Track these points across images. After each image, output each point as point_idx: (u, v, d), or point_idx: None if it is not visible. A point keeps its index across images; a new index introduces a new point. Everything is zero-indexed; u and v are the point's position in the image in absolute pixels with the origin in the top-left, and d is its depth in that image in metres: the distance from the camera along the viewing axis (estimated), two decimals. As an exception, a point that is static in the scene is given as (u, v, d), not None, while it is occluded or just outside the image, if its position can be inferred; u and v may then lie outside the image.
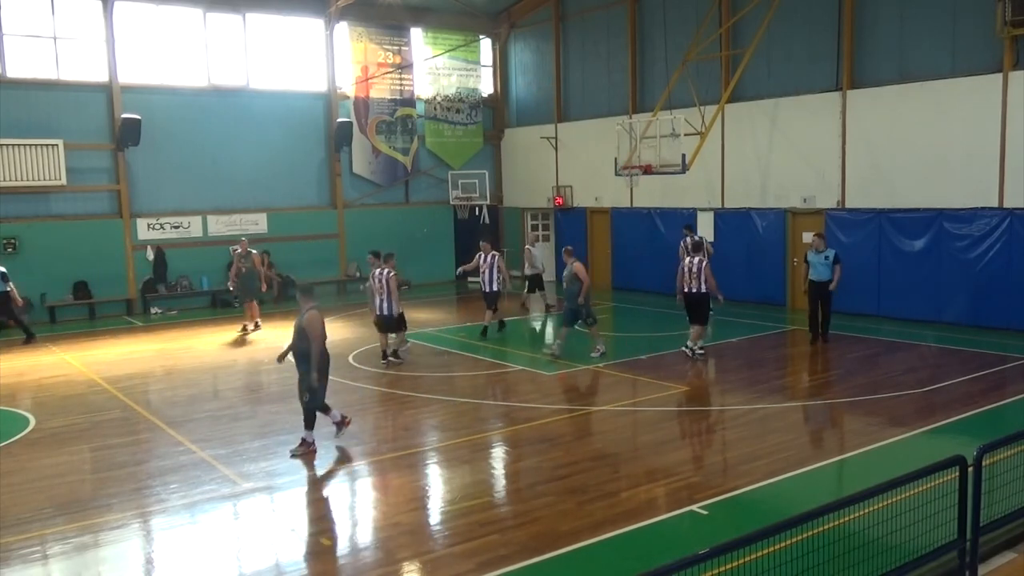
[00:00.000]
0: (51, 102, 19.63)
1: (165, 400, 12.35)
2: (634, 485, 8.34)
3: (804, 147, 18.58)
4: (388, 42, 24.31)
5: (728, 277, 20.06)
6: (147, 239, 20.99)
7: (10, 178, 18.87)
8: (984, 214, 15.78)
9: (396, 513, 7.76)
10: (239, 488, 8.50)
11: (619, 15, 22.68)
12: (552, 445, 9.58)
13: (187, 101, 21.37)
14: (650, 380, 12.67)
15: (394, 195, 25.05)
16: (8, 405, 11.96)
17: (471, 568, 6.52)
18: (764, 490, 8.07)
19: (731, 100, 19.23)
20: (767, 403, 11.20)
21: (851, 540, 5.50)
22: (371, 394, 12.33)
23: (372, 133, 24.12)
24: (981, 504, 5.80)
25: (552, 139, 24.78)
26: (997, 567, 6.15)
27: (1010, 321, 15.54)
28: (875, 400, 11.27)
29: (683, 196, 20.90)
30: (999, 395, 11.33)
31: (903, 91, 16.82)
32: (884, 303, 17.38)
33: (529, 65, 25.93)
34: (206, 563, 6.87)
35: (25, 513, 7.88)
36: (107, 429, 10.63)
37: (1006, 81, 15.32)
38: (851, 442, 9.90)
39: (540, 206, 25.62)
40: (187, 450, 9.70)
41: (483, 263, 16.83)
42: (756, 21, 18.19)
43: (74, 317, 19.97)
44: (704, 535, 7.03)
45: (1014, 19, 14.81)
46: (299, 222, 23.07)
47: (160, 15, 20.91)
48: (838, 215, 17.99)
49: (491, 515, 7.65)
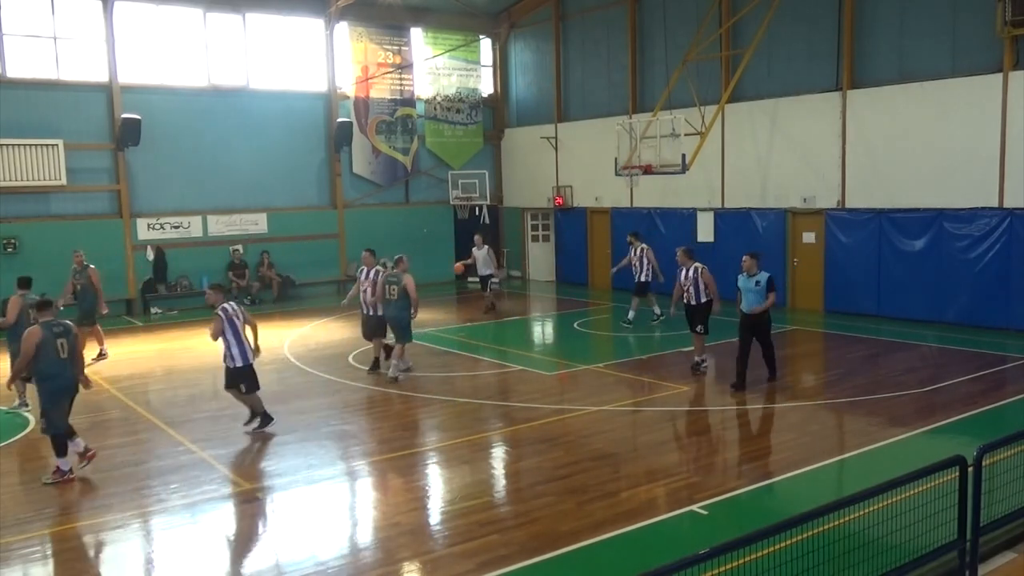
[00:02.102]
0: (51, 102, 19.62)
1: (165, 400, 12.36)
2: (634, 485, 8.34)
3: (804, 147, 18.58)
4: (388, 42, 24.30)
5: (728, 277, 20.09)
6: (147, 239, 20.98)
7: (10, 178, 18.86)
8: (984, 214, 15.77)
9: (396, 513, 7.76)
10: (239, 488, 8.50)
11: (619, 15, 22.67)
12: (552, 445, 9.58)
13: (187, 101, 21.36)
14: (650, 380, 12.68)
15: (394, 195, 25.04)
16: (8, 405, 11.95)
17: (471, 568, 6.52)
18: (764, 490, 8.08)
19: (731, 100, 19.22)
20: (767, 403, 11.20)
21: (851, 540, 5.49)
22: (371, 394, 12.33)
23: (372, 133, 24.11)
24: (981, 504, 5.80)
25: (552, 139, 24.77)
26: (997, 567, 6.15)
27: (1010, 321, 15.54)
28: (875, 400, 11.27)
29: (683, 196, 20.90)
30: (999, 395, 11.34)
31: (903, 91, 16.82)
32: (884, 303, 17.37)
33: (529, 65, 25.93)
34: (206, 563, 6.87)
35: (25, 513, 7.88)
36: (107, 429, 10.63)
37: (1006, 81, 15.31)
38: (851, 442, 9.90)
39: (540, 206, 25.62)
40: (187, 450, 9.70)
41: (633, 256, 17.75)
42: (756, 21, 18.19)
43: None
44: (704, 535, 7.04)
45: (1014, 19, 14.81)
46: (299, 222, 23.07)
47: (160, 15, 20.90)
48: (838, 215, 17.99)
49: (491, 515, 7.66)
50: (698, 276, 12.84)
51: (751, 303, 11.88)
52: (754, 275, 11.88)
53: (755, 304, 11.81)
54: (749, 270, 11.94)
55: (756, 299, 11.82)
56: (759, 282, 11.81)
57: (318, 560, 6.79)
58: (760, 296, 11.82)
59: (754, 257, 12.07)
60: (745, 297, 11.97)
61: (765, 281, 11.82)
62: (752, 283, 11.87)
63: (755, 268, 11.93)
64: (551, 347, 16.64)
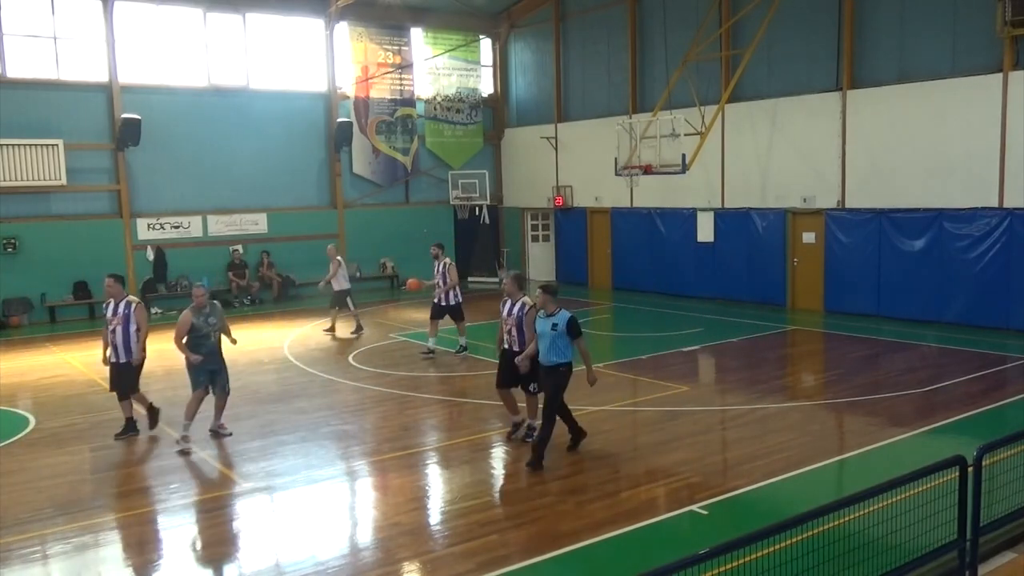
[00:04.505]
0: (51, 102, 19.62)
1: (165, 400, 12.34)
2: (634, 485, 8.34)
3: (804, 147, 18.58)
4: (388, 42, 24.30)
5: (728, 277, 20.15)
6: (147, 239, 20.99)
7: (10, 178, 18.86)
8: (984, 214, 15.77)
9: (396, 513, 7.76)
10: (239, 488, 8.50)
11: (619, 15, 22.67)
12: (552, 445, 9.57)
13: (187, 101, 21.37)
14: (650, 380, 12.67)
15: (394, 195, 25.04)
16: (8, 405, 11.95)
17: (471, 568, 6.52)
18: (764, 490, 8.07)
19: (731, 100, 19.22)
20: (767, 403, 11.20)
21: (851, 540, 5.50)
22: (371, 394, 12.33)
23: (372, 133, 24.12)
24: (981, 504, 5.80)
25: (552, 139, 24.78)
26: (997, 567, 6.15)
27: (1010, 321, 15.54)
28: (875, 400, 11.27)
29: (683, 196, 20.90)
30: (999, 395, 11.33)
31: (903, 91, 16.82)
32: (884, 303, 17.37)
33: (529, 65, 25.94)
34: (206, 563, 6.87)
35: (25, 513, 7.88)
36: (107, 429, 10.62)
37: (1006, 81, 15.31)
38: (851, 442, 9.90)
39: (540, 206, 25.62)
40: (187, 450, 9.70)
41: (436, 272, 14.70)
42: (756, 21, 18.19)
43: (74, 317, 19.96)
44: (704, 535, 7.03)
45: (1014, 19, 14.81)
46: (299, 222, 23.07)
47: (160, 15, 20.90)
48: (838, 215, 17.99)
49: (491, 515, 7.66)
50: (523, 315, 9.39)
51: (547, 354, 8.78)
52: (551, 314, 8.79)
53: (550, 354, 8.73)
54: (544, 307, 8.84)
55: (555, 349, 8.71)
56: (556, 324, 8.70)
57: (318, 560, 6.78)
58: (560, 344, 8.70)
59: (548, 291, 8.87)
60: (540, 342, 8.87)
61: (565, 322, 8.70)
62: (548, 324, 8.75)
63: (552, 304, 8.82)
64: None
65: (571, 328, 8.70)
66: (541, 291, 8.88)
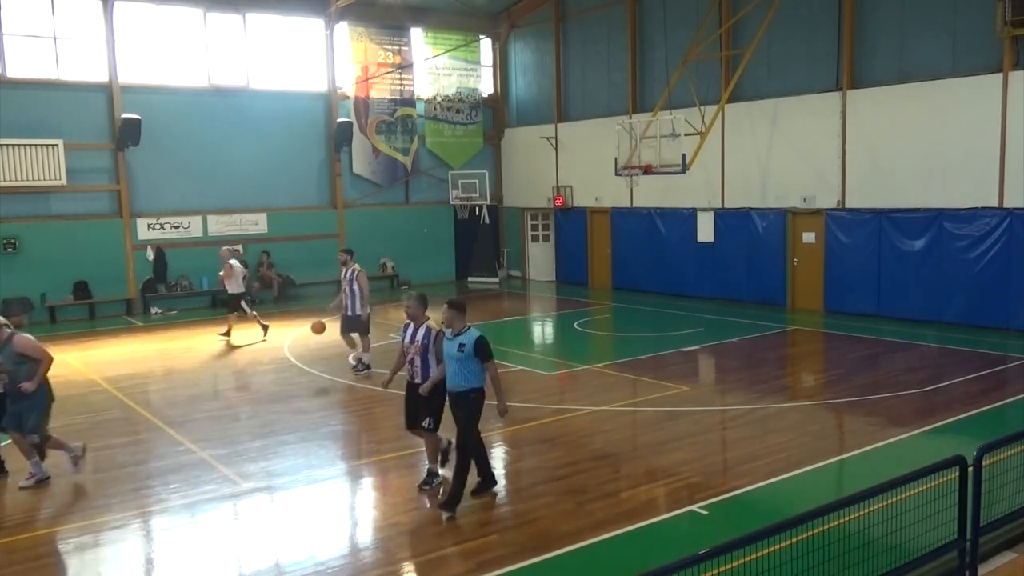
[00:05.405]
0: (51, 102, 19.62)
1: (165, 400, 12.35)
2: (634, 485, 8.34)
3: (804, 147, 18.58)
4: (388, 42, 24.30)
5: (728, 277, 20.16)
6: (147, 239, 20.98)
7: (10, 178, 18.86)
8: (984, 214, 15.77)
9: (396, 513, 7.76)
10: (239, 488, 8.50)
11: (619, 15, 22.67)
12: (552, 445, 9.59)
13: (187, 101, 21.37)
14: (650, 380, 12.67)
15: (394, 195, 25.04)
16: (8, 405, 11.94)
17: (471, 568, 6.52)
18: (764, 490, 8.07)
19: (731, 100, 19.22)
20: (767, 403, 11.20)
21: (851, 540, 5.50)
22: (371, 394, 12.32)
23: (372, 133, 24.12)
24: (981, 504, 5.80)
25: (552, 139, 24.78)
26: (997, 567, 6.15)
27: (1010, 321, 15.54)
28: (875, 400, 11.27)
29: (683, 196, 20.90)
30: (999, 395, 11.33)
31: (903, 91, 16.82)
32: (884, 303, 17.37)
33: (529, 65, 25.93)
34: (206, 563, 6.87)
35: (25, 513, 7.88)
36: (107, 429, 10.63)
37: (1006, 81, 15.31)
38: (851, 442, 9.90)
39: (540, 206, 25.62)
40: (187, 450, 9.70)
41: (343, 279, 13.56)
42: (756, 21, 18.19)
43: (74, 317, 19.97)
44: (704, 535, 7.03)
45: (1014, 19, 14.81)
46: (299, 222, 23.07)
47: (160, 15, 20.90)
48: (838, 215, 17.99)
49: (491, 515, 7.66)
50: (430, 342, 8.19)
51: (453, 379, 7.79)
52: (458, 333, 7.79)
53: (459, 379, 7.75)
54: (450, 324, 7.80)
55: (460, 371, 7.73)
56: (463, 345, 7.69)
57: (318, 560, 6.78)
58: (469, 367, 7.70)
59: (454, 307, 7.79)
60: (448, 364, 7.87)
61: (472, 343, 7.68)
62: (455, 346, 7.74)
63: (461, 322, 7.80)
64: (551, 347, 16.64)
65: (479, 350, 7.66)
66: (447, 307, 7.75)
